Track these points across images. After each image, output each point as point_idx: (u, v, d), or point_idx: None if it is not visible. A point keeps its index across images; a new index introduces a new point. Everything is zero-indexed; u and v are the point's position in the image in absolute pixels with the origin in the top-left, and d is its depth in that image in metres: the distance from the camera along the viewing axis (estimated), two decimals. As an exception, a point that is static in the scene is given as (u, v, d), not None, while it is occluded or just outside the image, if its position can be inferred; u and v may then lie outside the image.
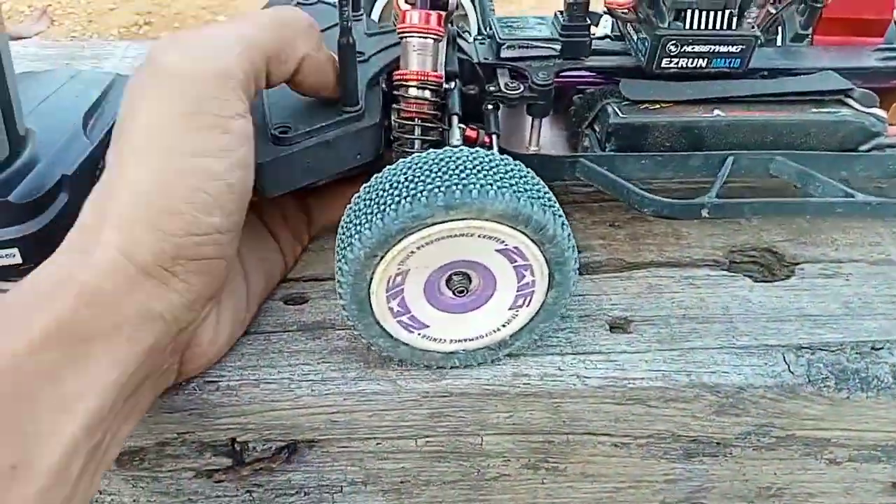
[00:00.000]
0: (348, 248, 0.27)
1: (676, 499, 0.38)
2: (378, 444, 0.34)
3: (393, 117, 0.34)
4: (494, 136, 0.36)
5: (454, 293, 0.30)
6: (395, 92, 0.34)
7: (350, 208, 0.29)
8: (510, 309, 0.31)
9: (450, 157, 0.28)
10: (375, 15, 0.48)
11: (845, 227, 0.42)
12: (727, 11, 0.36)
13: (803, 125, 0.37)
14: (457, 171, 0.27)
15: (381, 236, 0.27)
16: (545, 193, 0.29)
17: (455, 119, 0.35)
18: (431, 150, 0.29)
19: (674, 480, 0.37)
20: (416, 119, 0.34)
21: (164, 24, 1.87)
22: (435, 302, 0.30)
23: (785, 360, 0.33)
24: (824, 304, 0.37)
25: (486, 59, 0.38)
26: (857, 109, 0.38)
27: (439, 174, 0.27)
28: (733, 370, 0.33)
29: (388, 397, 0.31)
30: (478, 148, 0.30)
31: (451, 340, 0.31)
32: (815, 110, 0.38)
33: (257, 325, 0.34)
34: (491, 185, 0.27)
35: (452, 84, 0.36)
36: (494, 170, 0.28)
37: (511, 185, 0.27)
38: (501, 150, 0.37)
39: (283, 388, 0.31)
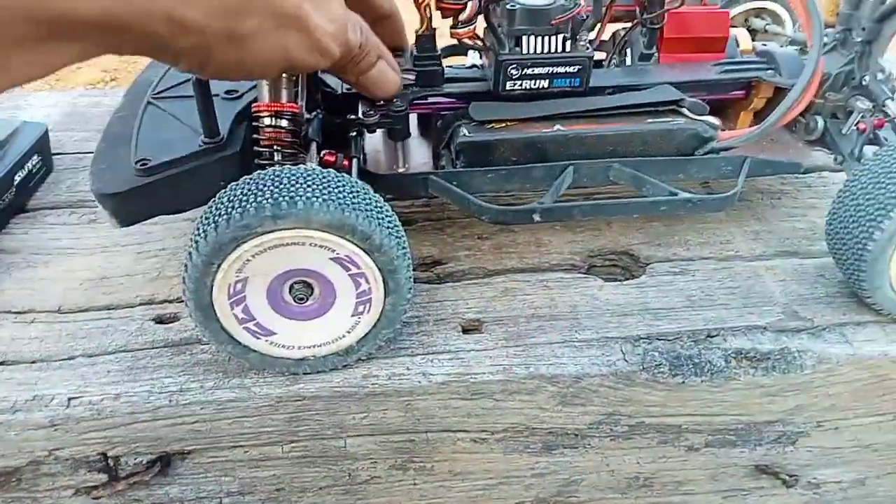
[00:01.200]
0: (188, 258, 0.30)
1: (549, 493, 0.40)
2: (245, 451, 0.35)
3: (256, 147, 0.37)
4: (354, 160, 0.39)
5: (295, 301, 0.32)
6: (254, 123, 0.37)
7: (195, 223, 0.31)
8: (352, 316, 0.33)
9: (283, 174, 0.31)
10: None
11: (700, 228, 0.45)
12: (560, 35, 0.40)
13: (640, 135, 0.40)
14: (287, 185, 0.30)
15: (215, 245, 0.29)
16: (376, 206, 0.32)
17: (314, 145, 0.38)
18: (271, 168, 0.32)
19: (541, 474, 0.39)
20: (275, 146, 0.37)
21: (129, 80, 1.92)
22: (280, 309, 0.32)
23: (622, 350, 0.36)
24: (667, 299, 0.39)
25: (348, 89, 0.41)
26: (690, 118, 0.41)
27: (271, 188, 0.30)
28: (571, 361, 0.35)
29: (243, 404, 0.33)
30: (330, 169, 0.33)
31: (300, 347, 0.33)
32: (650, 120, 0.41)
33: (126, 345, 0.36)
34: (317, 197, 0.30)
35: (314, 114, 0.39)
36: (323, 185, 0.31)
37: (337, 198, 0.30)
38: (365, 172, 0.40)
39: (143, 400, 0.33)
